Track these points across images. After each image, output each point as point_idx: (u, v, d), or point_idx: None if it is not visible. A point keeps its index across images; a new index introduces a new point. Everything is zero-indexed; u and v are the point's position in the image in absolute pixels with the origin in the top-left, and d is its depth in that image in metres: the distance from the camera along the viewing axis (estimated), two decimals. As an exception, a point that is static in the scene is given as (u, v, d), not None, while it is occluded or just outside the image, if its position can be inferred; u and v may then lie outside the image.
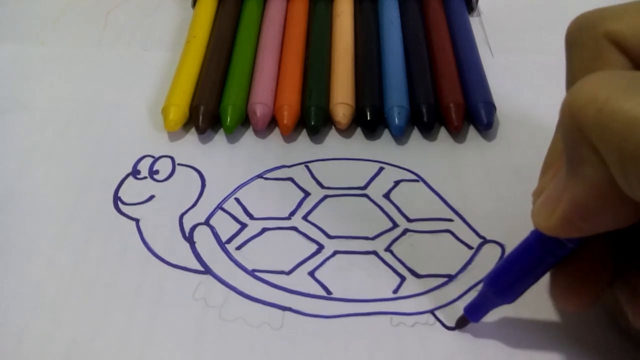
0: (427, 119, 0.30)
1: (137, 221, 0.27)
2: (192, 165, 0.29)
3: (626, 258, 0.19)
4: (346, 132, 0.31)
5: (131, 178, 0.28)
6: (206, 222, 0.26)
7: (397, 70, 0.32)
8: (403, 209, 0.27)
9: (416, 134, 0.30)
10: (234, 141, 0.30)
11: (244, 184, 0.28)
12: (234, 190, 0.28)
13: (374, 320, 0.23)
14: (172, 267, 0.25)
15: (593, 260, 0.19)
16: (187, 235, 0.26)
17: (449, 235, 0.26)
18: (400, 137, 0.30)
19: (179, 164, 0.29)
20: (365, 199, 0.27)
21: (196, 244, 0.26)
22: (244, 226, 0.26)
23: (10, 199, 0.27)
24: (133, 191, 0.28)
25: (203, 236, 0.26)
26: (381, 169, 0.29)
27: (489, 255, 0.25)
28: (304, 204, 0.27)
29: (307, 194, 0.28)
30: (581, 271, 0.19)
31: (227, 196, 0.27)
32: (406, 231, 0.26)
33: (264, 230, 0.26)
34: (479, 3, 0.37)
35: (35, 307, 0.23)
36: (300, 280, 0.24)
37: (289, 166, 0.29)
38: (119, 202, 0.27)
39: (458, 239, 0.26)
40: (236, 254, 0.25)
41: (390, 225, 0.26)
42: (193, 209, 0.27)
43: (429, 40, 0.34)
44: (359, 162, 0.29)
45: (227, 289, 0.24)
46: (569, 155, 0.16)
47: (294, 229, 0.26)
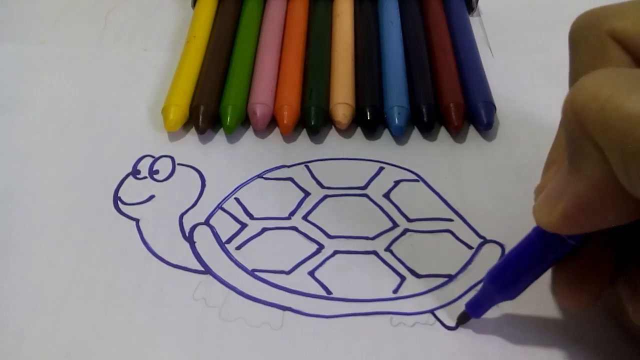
0: (427, 119, 0.30)
1: (137, 221, 0.27)
2: (192, 165, 0.29)
3: (628, 255, 0.19)
4: (346, 132, 0.31)
5: (131, 178, 0.28)
6: (206, 222, 0.26)
7: (397, 70, 0.32)
8: (403, 209, 0.27)
9: (416, 134, 0.30)
10: (234, 141, 0.30)
11: (244, 184, 0.28)
12: (234, 190, 0.28)
13: (374, 320, 0.23)
14: (172, 267, 0.25)
15: (595, 257, 0.19)
16: (187, 235, 0.26)
17: (449, 235, 0.26)
18: (400, 137, 0.30)
19: (179, 164, 0.29)
20: (365, 199, 0.27)
21: (196, 244, 0.26)
22: (244, 226, 0.26)
23: (10, 199, 0.27)
24: (133, 191, 0.28)
25: (203, 236, 0.26)
26: (381, 169, 0.29)
27: (489, 255, 0.25)
28: (304, 204, 0.27)
29: (307, 194, 0.28)
30: (583, 268, 0.19)
31: (227, 196, 0.27)
32: (406, 231, 0.26)
33: (264, 230, 0.26)
34: (479, 3, 0.37)
35: (35, 307, 0.23)
36: (300, 280, 0.24)
37: (289, 166, 0.29)
38: (119, 202, 0.27)
39: (458, 239, 0.26)
40: (236, 254, 0.25)
41: (390, 225, 0.26)
42: (193, 209, 0.27)
43: (429, 40, 0.34)
44: (359, 162, 0.29)
45: (227, 289, 0.24)
46: (571, 152, 0.16)
47: (294, 228, 0.26)
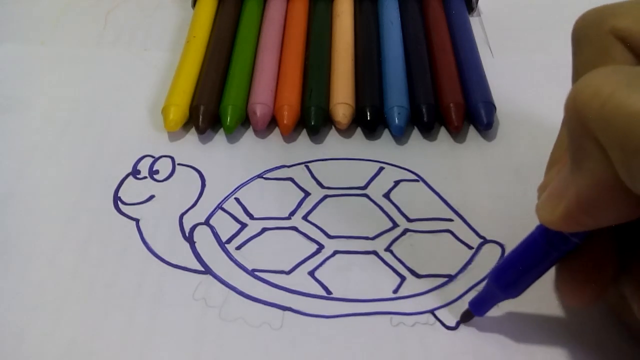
0: (427, 119, 0.30)
1: (137, 221, 0.27)
2: (192, 165, 0.29)
3: (631, 252, 0.19)
4: (346, 132, 0.31)
5: (131, 178, 0.28)
6: (206, 222, 0.26)
7: (397, 70, 0.32)
8: (403, 209, 0.27)
9: (416, 134, 0.30)
10: (234, 141, 0.30)
11: (244, 183, 0.28)
12: (234, 190, 0.28)
13: (374, 320, 0.23)
14: (172, 267, 0.25)
15: (598, 255, 0.19)
16: (187, 235, 0.26)
17: (449, 235, 0.26)
18: (400, 137, 0.30)
19: (179, 164, 0.29)
20: (365, 199, 0.27)
21: (196, 244, 0.26)
22: (244, 226, 0.26)
23: (10, 199, 0.27)
24: (133, 191, 0.28)
25: (203, 236, 0.26)
26: (381, 169, 0.29)
27: (489, 255, 0.25)
28: (304, 204, 0.27)
29: (307, 194, 0.28)
30: (586, 266, 0.19)
31: (227, 196, 0.27)
32: (406, 231, 0.26)
33: (264, 230, 0.26)
34: (479, 3, 0.37)
35: (35, 307, 0.23)
36: (300, 280, 0.24)
37: (289, 166, 0.29)
38: (119, 202, 0.27)
39: (458, 239, 0.26)
40: (236, 254, 0.25)
41: (390, 225, 0.26)
42: (193, 209, 0.27)
43: (429, 40, 0.34)
44: (359, 162, 0.29)
45: (227, 289, 0.24)
46: (573, 150, 0.16)
47: (294, 228, 0.26)
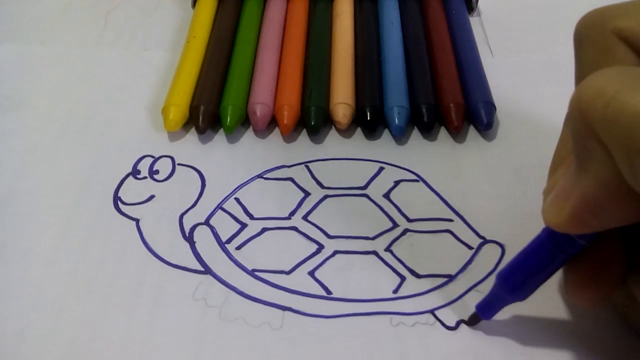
0: (427, 119, 0.30)
1: (137, 221, 0.27)
2: (192, 165, 0.29)
3: (639, 252, 0.19)
4: (346, 132, 0.31)
5: (131, 178, 0.28)
6: (206, 222, 0.26)
7: (397, 70, 0.32)
8: (403, 209, 0.27)
9: (416, 134, 0.30)
10: (234, 141, 0.30)
11: (244, 184, 0.28)
12: (234, 190, 0.28)
13: (374, 320, 0.23)
14: (172, 267, 0.25)
15: (605, 256, 0.19)
16: (187, 235, 0.26)
17: (449, 235, 0.26)
18: (400, 137, 0.30)
19: (179, 164, 0.29)
20: (365, 199, 0.27)
21: (196, 244, 0.26)
22: (244, 226, 0.26)
23: (10, 199, 0.27)
24: (133, 191, 0.28)
25: (203, 236, 0.26)
26: (381, 169, 0.29)
27: (489, 255, 0.25)
28: (304, 204, 0.27)
29: (307, 194, 0.28)
30: (594, 268, 0.19)
31: (227, 196, 0.27)
32: (406, 231, 0.26)
33: (264, 230, 0.26)
34: (479, 3, 0.37)
35: (35, 307, 0.23)
36: (300, 280, 0.24)
37: (289, 166, 0.29)
38: (119, 202, 0.27)
39: (458, 239, 0.26)
40: (236, 254, 0.25)
41: (390, 225, 0.26)
42: (193, 209, 0.27)
43: (429, 40, 0.34)
44: (359, 162, 0.29)
45: (227, 289, 0.24)
46: (577, 151, 0.16)
47: (294, 228, 0.26)
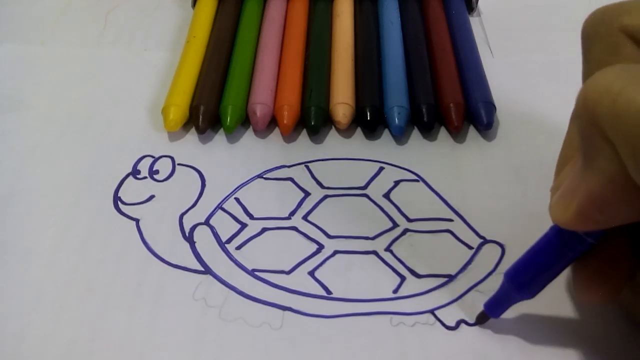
0: (427, 119, 0.30)
1: (137, 221, 0.27)
2: (192, 165, 0.29)
3: None
4: (346, 132, 0.31)
5: (131, 178, 0.28)
6: (206, 222, 0.26)
7: (397, 70, 0.32)
8: (403, 209, 0.27)
9: (416, 134, 0.30)
10: (234, 141, 0.30)
11: (244, 184, 0.28)
12: (234, 190, 0.28)
13: (374, 320, 0.23)
14: (172, 267, 0.25)
15: (613, 253, 0.19)
16: (187, 235, 0.26)
17: (449, 235, 0.26)
18: (400, 137, 0.30)
19: (179, 164, 0.29)
20: (365, 199, 0.27)
21: (196, 244, 0.26)
22: (244, 226, 0.26)
23: (10, 199, 0.27)
24: (133, 191, 0.28)
25: (203, 236, 0.26)
26: (381, 169, 0.29)
27: (489, 255, 0.25)
28: (304, 204, 0.27)
29: (307, 194, 0.28)
30: (602, 265, 0.19)
31: (227, 196, 0.27)
32: (406, 231, 0.26)
33: (264, 230, 0.26)
34: (479, 3, 0.37)
35: (35, 307, 0.23)
36: (300, 280, 0.24)
37: (289, 166, 0.29)
38: (119, 202, 0.27)
39: (458, 239, 0.26)
40: (236, 254, 0.25)
41: (390, 225, 0.26)
42: (193, 209, 0.27)
43: (429, 40, 0.34)
44: (359, 162, 0.29)
45: (227, 289, 0.24)
46: (584, 148, 0.16)
47: (294, 228, 0.26)
